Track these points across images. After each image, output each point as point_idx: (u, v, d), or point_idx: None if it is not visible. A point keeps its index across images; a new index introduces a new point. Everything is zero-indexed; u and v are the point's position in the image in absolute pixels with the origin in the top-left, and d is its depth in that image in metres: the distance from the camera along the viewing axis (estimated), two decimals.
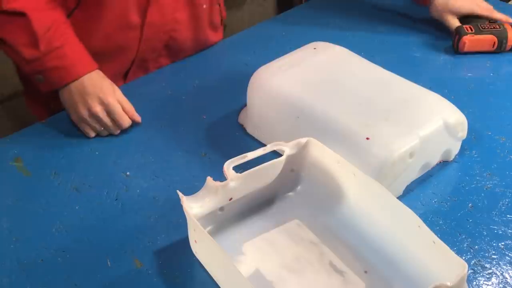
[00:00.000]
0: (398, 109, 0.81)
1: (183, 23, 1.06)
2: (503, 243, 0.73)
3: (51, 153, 0.88)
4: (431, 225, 0.74)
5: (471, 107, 0.96)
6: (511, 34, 1.08)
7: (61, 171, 0.84)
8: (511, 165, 0.85)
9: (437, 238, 0.62)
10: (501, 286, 0.68)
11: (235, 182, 0.70)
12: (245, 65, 1.08)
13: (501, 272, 0.70)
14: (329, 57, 0.92)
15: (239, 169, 0.70)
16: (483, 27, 1.09)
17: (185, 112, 0.97)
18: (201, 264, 0.70)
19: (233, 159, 0.70)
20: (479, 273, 0.70)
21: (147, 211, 0.77)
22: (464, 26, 1.10)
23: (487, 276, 0.70)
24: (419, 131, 0.78)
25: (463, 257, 0.70)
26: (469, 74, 1.07)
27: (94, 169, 0.84)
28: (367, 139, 0.76)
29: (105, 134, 0.92)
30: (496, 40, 1.08)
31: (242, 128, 0.92)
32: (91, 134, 0.91)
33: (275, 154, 0.76)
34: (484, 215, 0.77)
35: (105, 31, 0.99)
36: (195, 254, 0.70)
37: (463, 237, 0.74)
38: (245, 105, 0.92)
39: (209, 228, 0.72)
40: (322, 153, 0.74)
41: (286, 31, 1.20)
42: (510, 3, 1.44)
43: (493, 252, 0.72)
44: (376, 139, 0.76)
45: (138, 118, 0.93)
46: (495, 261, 0.71)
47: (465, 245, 0.73)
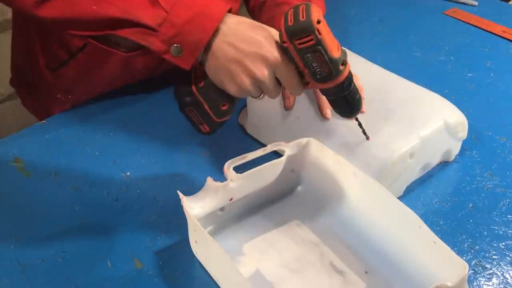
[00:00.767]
0: (398, 109, 0.81)
1: None
2: (503, 244, 0.73)
3: (51, 153, 0.87)
4: (432, 226, 0.74)
5: (471, 107, 0.96)
6: None
7: (61, 171, 0.84)
8: None
9: (438, 238, 0.62)
10: (502, 286, 0.68)
11: (236, 182, 0.70)
12: None
13: (501, 272, 0.70)
14: None
15: (239, 169, 0.70)
16: None
17: None
18: (201, 264, 0.70)
19: (233, 159, 0.70)
20: (480, 274, 0.70)
21: (147, 211, 0.77)
22: None
23: (488, 276, 0.69)
24: (419, 132, 0.78)
25: (464, 258, 0.70)
26: (469, 74, 1.08)
27: (94, 169, 0.84)
28: (367, 139, 0.76)
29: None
30: None
31: (242, 128, 0.92)
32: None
33: (276, 154, 0.76)
34: (484, 215, 0.77)
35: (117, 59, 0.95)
36: (195, 254, 0.70)
37: (464, 237, 0.74)
38: (245, 106, 0.92)
39: (210, 228, 0.72)
40: (322, 154, 0.74)
41: None
42: (510, 3, 1.44)
43: (494, 252, 0.72)
44: (376, 140, 0.76)
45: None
46: (496, 262, 0.71)
47: (466, 245, 0.73)
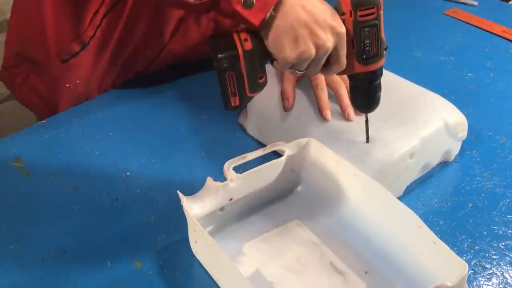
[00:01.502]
0: (398, 109, 0.81)
1: (203, 52, 0.91)
2: (503, 244, 0.73)
3: (51, 153, 0.87)
4: (432, 226, 0.74)
5: (471, 107, 0.96)
6: None
7: (61, 171, 0.84)
8: None
9: (438, 238, 0.62)
10: (502, 286, 0.68)
11: (235, 182, 0.70)
12: None
13: (501, 272, 0.70)
14: None
15: (239, 169, 0.70)
16: None
17: (185, 112, 0.97)
18: (201, 264, 0.70)
19: (233, 159, 0.70)
20: (480, 274, 0.70)
21: (147, 211, 0.77)
22: None
23: (488, 276, 0.69)
24: (419, 132, 0.78)
25: (464, 258, 0.70)
26: (469, 74, 1.07)
27: (94, 169, 0.84)
28: (367, 140, 0.76)
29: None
30: None
31: (242, 128, 0.92)
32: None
33: (275, 154, 0.76)
34: (484, 215, 0.77)
35: (130, 41, 0.96)
36: (195, 254, 0.70)
37: (464, 237, 0.74)
38: (245, 106, 0.92)
39: (209, 228, 0.72)
40: (322, 154, 0.74)
41: None
42: (510, 3, 1.44)
43: (494, 252, 0.72)
44: (376, 140, 0.76)
45: None
46: (496, 262, 0.71)
47: (466, 245, 0.73)
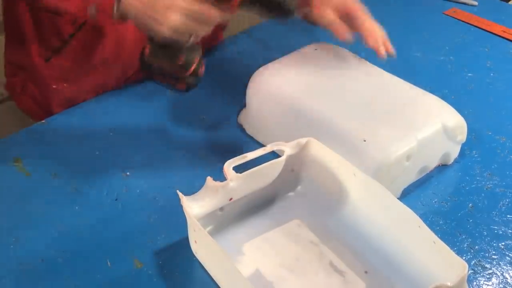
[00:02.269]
0: (396, 111, 0.81)
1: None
2: (503, 243, 0.73)
3: (51, 153, 0.87)
4: (431, 225, 0.74)
5: (471, 107, 0.96)
6: None
7: (61, 171, 0.84)
8: None
9: (438, 238, 0.62)
10: (502, 286, 0.68)
11: (235, 182, 0.70)
12: (245, 65, 1.08)
13: (501, 272, 0.70)
14: (330, 58, 0.92)
15: (239, 169, 0.70)
16: None
17: (185, 112, 0.97)
18: (201, 264, 0.70)
19: (233, 159, 0.70)
20: (480, 273, 0.70)
21: (147, 211, 0.77)
22: None
23: (488, 276, 0.70)
24: (417, 134, 0.77)
25: (464, 257, 0.70)
26: (469, 74, 1.07)
27: (94, 169, 0.84)
28: (364, 141, 0.76)
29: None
30: None
31: (241, 128, 0.92)
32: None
33: (275, 154, 0.76)
34: (484, 215, 0.77)
35: (114, 40, 0.97)
36: (195, 254, 0.70)
37: (463, 237, 0.74)
38: (245, 106, 0.92)
39: (209, 228, 0.72)
40: (322, 153, 0.74)
41: (287, 31, 1.20)
42: (510, 3, 1.44)
43: (494, 252, 0.72)
44: (373, 141, 0.76)
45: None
46: (496, 261, 0.71)
47: (465, 245, 0.73)
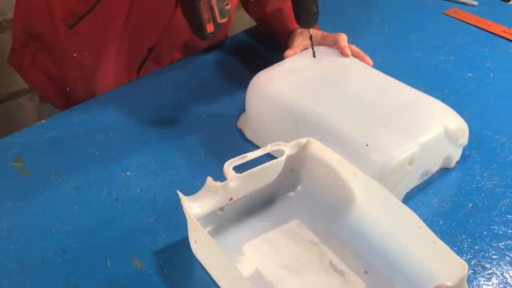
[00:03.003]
0: (398, 115, 0.80)
1: None
2: (503, 243, 0.73)
3: (51, 153, 0.87)
4: (432, 225, 0.74)
5: (471, 107, 0.96)
6: None
7: (61, 171, 0.84)
8: None
9: (438, 238, 0.62)
10: (501, 286, 0.68)
11: (235, 182, 0.70)
12: (245, 66, 1.08)
13: (501, 272, 0.70)
14: (330, 62, 0.92)
15: (239, 169, 0.70)
16: None
17: (185, 112, 0.97)
18: (201, 264, 0.70)
19: (233, 159, 0.70)
20: (480, 273, 0.70)
21: (147, 211, 0.77)
22: None
23: (488, 276, 0.70)
24: (419, 138, 0.77)
25: (464, 257, 0.70)
26: (469, 74, 1.07)
27: (94, 169, 0.84)
28: (366, 145, 0.75)
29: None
30: None
31: (241, 133, 0.91)
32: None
33: (276, 154, 0.76)
34: (484, 215, 0.77)
35: (138, 9, 0.96)
36: (195, 254, 0.70)
37: (464, 237, 0.74)
38: (244, 110, 0.92)
39: (209, 228, 0.72)
40: (322, 153, 0.74)
41: None
42: (510, 3, 1.44)
43: (494, 252, 0.72)
44: (375, 146, 0.75)
45: None
46: (496, 261, 0.71)
47: (466, 245, 0.73)
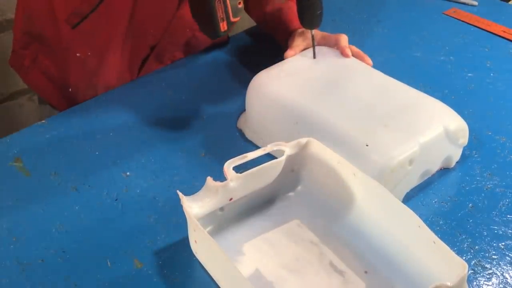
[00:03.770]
0: (398, 115, 0.80)
1: None
2: (503, 243, 0.73)
3: (51, 153, 0.87)
4: (432, 225, 0.75)
5: (471, 107, 0.96)
6: None
7: (61, 171, 0.84)
8: None
9: (437, 238, 0.62)
10: (502, 286, 0.68)
11: (235, 182, 0.70)
12: (245, 66, 1.08)
13: (501, 272, 0.70)
14: (330, 62, 0.91)
15: (239, 169, 0.70)
16: None
17: (185, 112, 0.97)
18: (201, 264, 0.70)
19: (234, 159, 0.70)
20: (480, 273, 0.70)
21: (147, 211, 0.77)
22: None
23: (488, 276, 0.70)
24: (419, 138, 0.76)
25: (464, 257, 0.70)
26: (469, 74, 1.07)
27: (94, 169, 0.84)
28: (366, 145, 0.75)
29: None
30: None
31: (241, 133, 0.91)
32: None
33: (276, 154, 0.76)
34: (484, 215, 0.77)
35: (142, 8, 0.96)
36: (195, 254, 0.70)
37: (464, 237, 0.74)
38: (244, 111, 0.91)
39: (209, 228, 0.72)
40: (322, 153, 0.74)
41: None
42: (510, 3, 1.44)
43: (494, 252, 0.72)
44: (375, 146, 0.75)
45: None
46: (496, 261, 0.71)
47: (466, 245, 0.73)
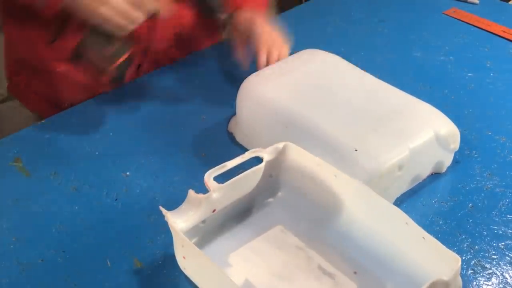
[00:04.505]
0: (388, 119, 0.79)
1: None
2: (503, 243, 0.73)
3: (51, 153, 0.87)
4: (431, 225, 0.75)
5: (471, 107, 0.96)
6: None
7: (61, 171, 0.84)
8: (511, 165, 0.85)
9: (427, 233, 0.61)
10: (501, 286, 0.68)
11: (218, 192, 0.67)
12: (239, 69, 1.08)
13: (501, 272, 0.70)
14: (321, 65, 0.91)
15: (219, 179, 0.68)
16: None
17: (184, 112, 0.97)
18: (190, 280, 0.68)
19: (213, 169, 0.68)
20: (479, 273, 0.70)
21: (147, 211, 0.77)
22: None
23: (487, 276, 0.70)
24: (409, 143, 0.76)
25: (463, 257, 0.70)
26: (469, 74, 1.07)
27: (94, 169, 0.84)
28: (356, 150, 0.74)
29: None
30: None
31: (232, 136, 0.91)
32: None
33: (256, 160, 0.73)
34: (484, 215, 0.77)
35: None
36: (183, 270, 0.68)
37: (463, 237, 0.74)
38: (235, 114, 0.90)
39: (193, 241, 0.69)
40: (300, 157, 0.73)
41: (290, 27, 1.18)
42: (510, 3, 1.44)
43: (493, 252, 0.72)
44: (364, 151, 0.74)
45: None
46: (495, 261, 0.71)
47: (465, 245, 0.73)
